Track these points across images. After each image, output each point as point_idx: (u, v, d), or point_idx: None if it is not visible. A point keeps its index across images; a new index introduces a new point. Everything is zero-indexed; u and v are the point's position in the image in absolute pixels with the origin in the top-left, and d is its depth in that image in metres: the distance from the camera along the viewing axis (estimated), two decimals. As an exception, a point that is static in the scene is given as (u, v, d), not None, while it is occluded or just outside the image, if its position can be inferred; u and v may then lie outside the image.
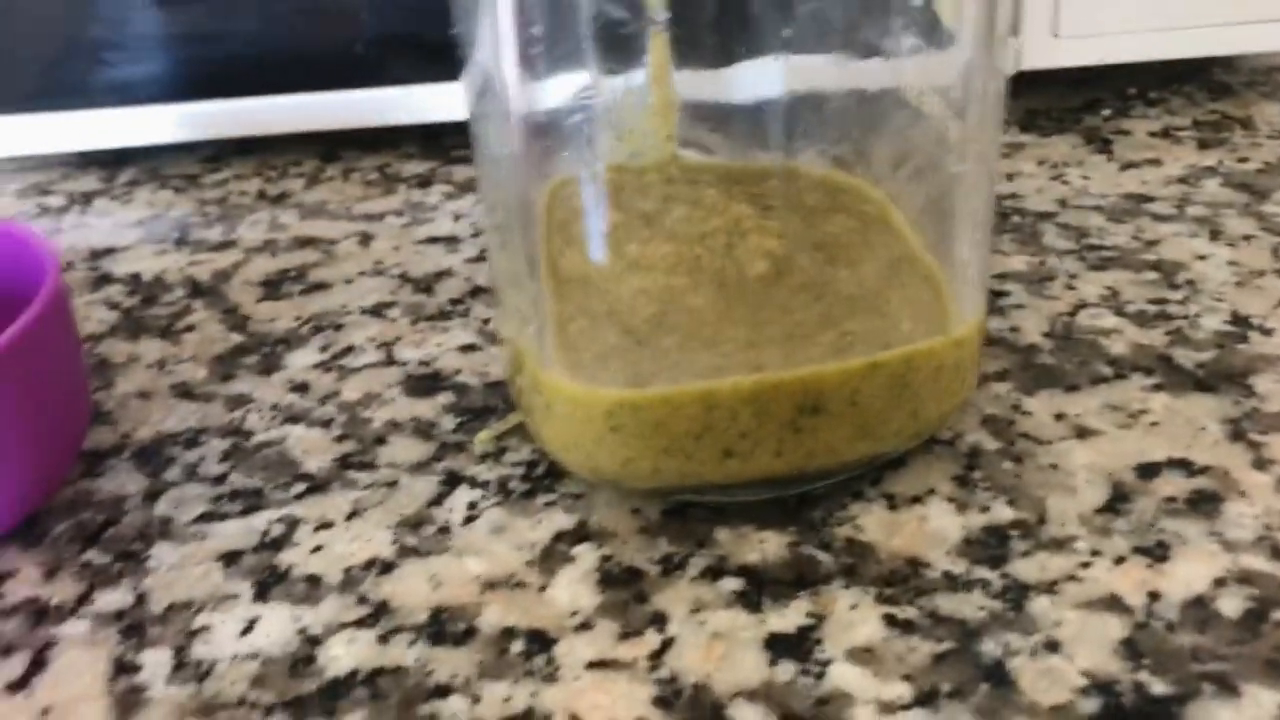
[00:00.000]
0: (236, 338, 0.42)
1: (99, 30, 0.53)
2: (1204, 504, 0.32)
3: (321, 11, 0.52)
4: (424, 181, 0.53)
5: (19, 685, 0.29)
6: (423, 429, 0.37)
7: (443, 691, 0.28)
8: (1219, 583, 0.30)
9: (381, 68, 0.53)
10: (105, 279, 0.47)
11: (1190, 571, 0.30)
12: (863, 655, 0.28)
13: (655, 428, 0.30)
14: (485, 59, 0.30)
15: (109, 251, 0.49)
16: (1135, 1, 0.53)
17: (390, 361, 0.40)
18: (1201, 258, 0.43)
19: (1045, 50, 0.53)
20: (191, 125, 0.54)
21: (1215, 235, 0.44)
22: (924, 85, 0.31)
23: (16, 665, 0.30)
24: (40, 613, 0.31)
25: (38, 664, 0.30)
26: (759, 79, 0.32)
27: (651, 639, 0.29)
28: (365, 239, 0.49)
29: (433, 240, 0.48)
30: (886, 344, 0.31)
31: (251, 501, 0.34)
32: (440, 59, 0.53)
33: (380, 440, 0.37)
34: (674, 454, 0.31)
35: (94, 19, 0.53)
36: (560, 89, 0.31)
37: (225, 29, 0.53)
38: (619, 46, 0.32)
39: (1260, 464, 0.33)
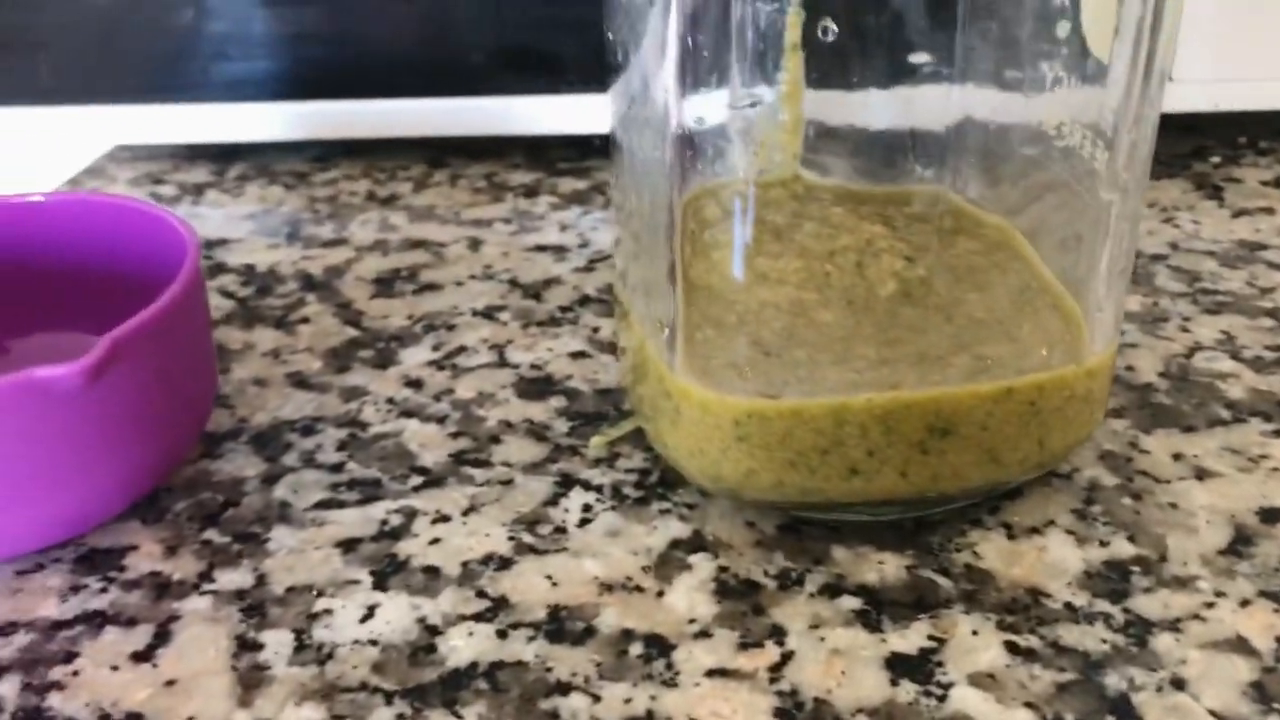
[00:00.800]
0: (350, 332, 0.43)
1: (216, 26, 0.54)
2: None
3: (445, 20, 0.53)
4: (530, 191, 0.54)
5: (143, 656, 0.30)
6: (536, 430, 0.37)
7: (563, 689, 0.28)
8: (1348, 631, 0.29)
9: (495, 79, 0.53)
10: (220, 268, 0.48)
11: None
12: (985, 680, 0.28)
13: (782, 439, 0.30)
14: (646, 67, 0.30)
15: (222, 242, 0.50)
16: (1250, 50, 0.53)
17: (502, 363, 0.41)
18: (1318, 306, 0.43)
19: (1158, 94, 0.53)
20: (303, 124, 0.55)
21: (1333, 285, 0.44)
22: (1068, 117, 0.31)
23: (141, 636, 0.30)
24: (162, 587, 0.32)
25: (161, 636, 0.30)
26: (891, 103, 0.33)
27: (771, 651, 0.29)
28: (474, 244, 0.49)
29: (540, 249, 0.49)
30: (1019, 370, 0.31)
31: (369, 491, 0.35)
32: (553, 74, 0.54)
33: (495, 439, 0.37)
34: (799, 468, 0.31)
35: (211, 15, 0.54)
36: (706, 102, 0.31)
37: (343, 31, 0.54)
38: (760, 63, 0.32)
39: (1386, 516, 0.33)
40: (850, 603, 0.30)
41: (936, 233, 0.34)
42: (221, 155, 0.58)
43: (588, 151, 0.57)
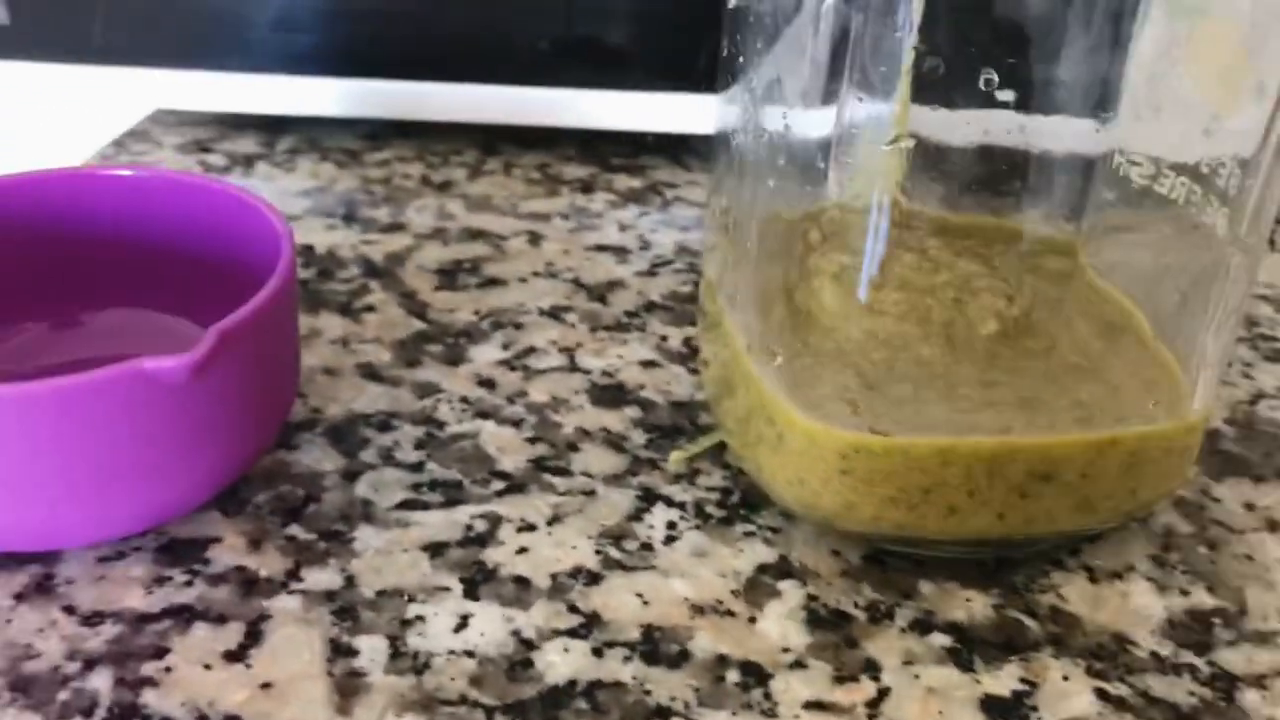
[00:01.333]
0: (418, 324, 0.43)
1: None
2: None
3: (510, 6, 0.52)
4: (586, 187, 0.53)
5: (236, 656, 0.29)
6: (614, 441, 0.37)
7: (663, 713, 0.28)
8: None
9: (555, 70, 0.53)
10: (278, 247, 0.47)
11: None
12: (1080, 728, 0.28)
13: (887, 475, 0.30)
14: (772, 80, 0.30)
15: (278, 219, 0.49)
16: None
17: (574, 368, 0.41)
18: (1375, 361, 0.43)
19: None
20: (356, 102, 0.54)
21: (1388, 340, 0.45)
22: (1168, 163, 0.31)
23: (233, 635, 0.30)
24: (249, 583, 0.32)
25: (252, 635, 0.30)
26: (999, 134, 0.33)
27: (867, 687, 0.29)
28: (534, 238, 0.49)
29: (601, 248, 0.48)
30: (1118, 418, 0.31)
31: (451, 494, 0.35)
32: (614, 69, 0.53)
33: (573, 447, 0.37)
34: (898, 504, 0.31)
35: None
36: (823, 120, 0.31)
37: (403, 9, 0.53)
38: (872, 85, 0.32)
39: None
40: (941, 640, 0.31)
41: (1035, 274, 0.34)
42: (267, 126, 0.58)
43: (641, 148, 0.57)
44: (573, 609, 0.31)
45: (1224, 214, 0.30)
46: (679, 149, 0.57)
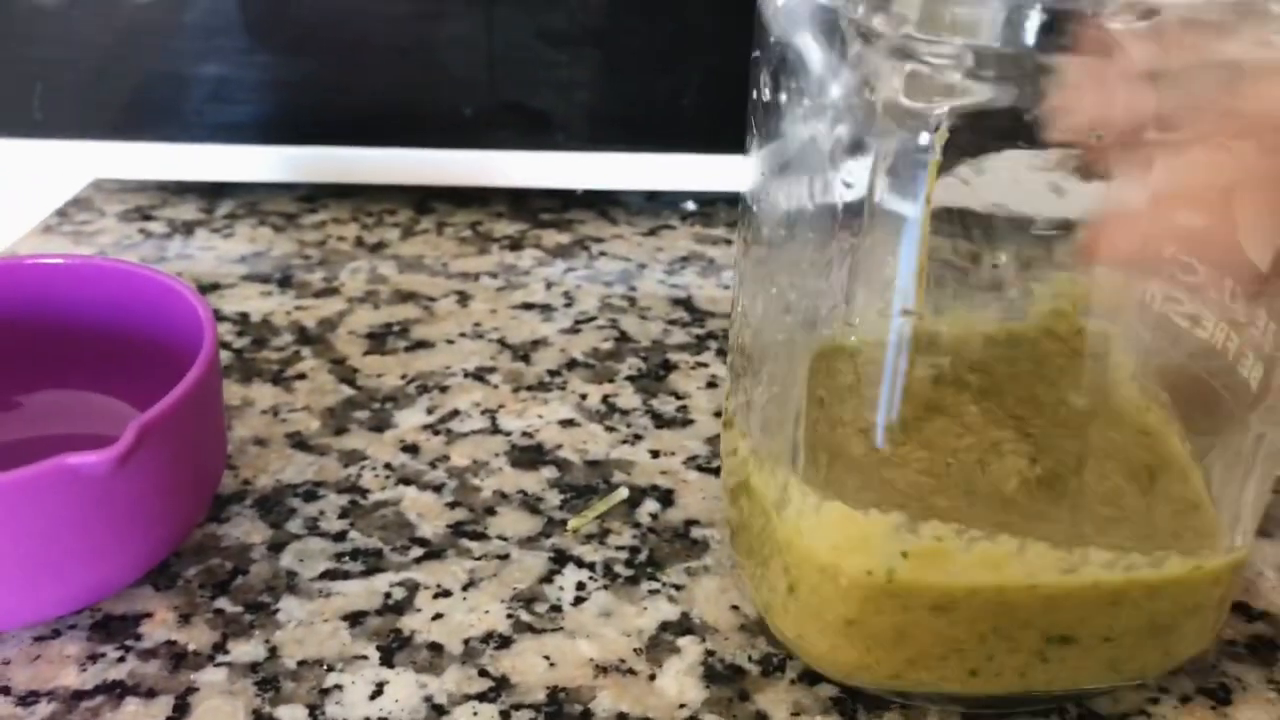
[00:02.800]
0: (346, 390, 0.45)
1: (208, 69, 0.55)
2: (1262, 650, 0.35)
3: (436, 74, 0.54)
4: (515, 244, 0.55)
5: (164, 727, 0.31)
6: (530, 503, 0.39)
7: (564, 772, 0.30)
8: (1278, 731, 0.32)
9: (483, 132, 0.55)
10: (215, 316, 0.49)
11: (1250, 717, 0.32)
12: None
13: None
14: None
15: (215, 287, 0.51)
16: None
17: (495, 430, 0.43)
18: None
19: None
20: (292, 167, 0.56)
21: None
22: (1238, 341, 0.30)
23: (162, 708, 0.32)
24: (179, 657, 0.33)
25: (180, 709, 0.32)
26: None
27: (756, 738, 0.31)
28: (463, 299, 0.51)
29: (527, 306, 0.50)
30: (1149, 573, 0.30)
31: (372, 563, 0.37)
32: (540, 130, 0.55)
33: (490, 510, 0.39)
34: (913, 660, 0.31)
35: (204, 58, 0.55)
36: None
37: (335, 79, 0.55)
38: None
39: (1314, 614, 0.36)
40: (828, 690, 0.33)
41: (1067, 428, 0.31)
42: (207, 191, 0.59)
43: (570, 203, 0.59)
44: (483, 673, 0.33)
45: (1259, 375, 0.30)
46: (606, 203, 0.59)
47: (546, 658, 0.34)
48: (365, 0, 0.54)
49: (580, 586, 0.36)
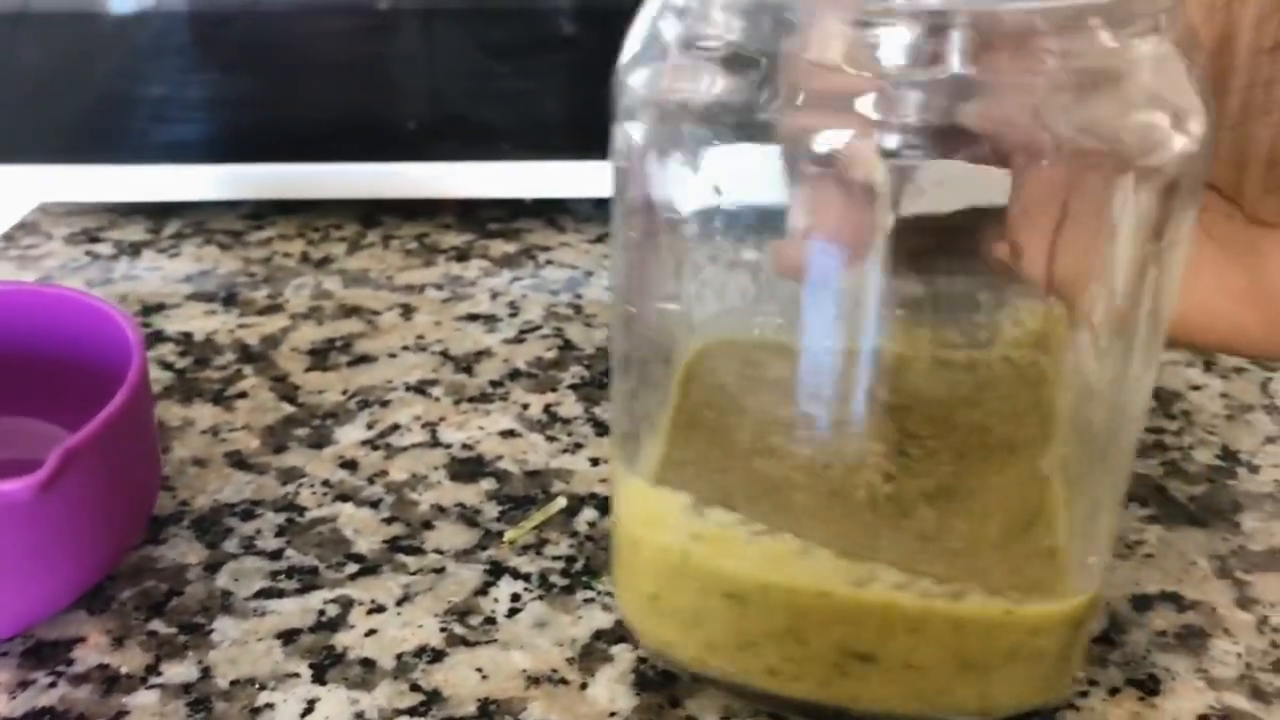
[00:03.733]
0: (287, 408, 0.45)
1: (151, 89, 0.55)
2: (1192, 639, 0.35)
3: (379, 88, 0.54)
4: (462, 255, 0.56)
5: (94, 752, 0.31)
6: (467, 515, 0.39)
7: (492, 784, 0.30)
8: (1203, 719, 0.32)
9: (428, 145, 0.55)
10: (158, 336, 0.49)
11: (1178, 707, 0.33)
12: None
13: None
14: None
15: (160, 307, 0.51)
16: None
17: (435, 443, 0.43)
18: (1196, 388, 0.46)
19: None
20: (238, 185, 0.57)
21: (1209, 366, 0.47)
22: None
23: (91, 732, 0.32)
24: (111, 680, 0.33)
25: (111, 732, 0.32)
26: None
27: (685, 744, 0.31)
28: (407, 311, 0.51)
29: (472, 318, 0.51)
30: (946, 604, 0.29)
31: (307, 580, 0.37)
32: (485, 142, 0.56)
33: (427, 524, 0.39)
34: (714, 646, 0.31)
35: (147, 79, 0.55)
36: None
37: (277, 96, 0.55)
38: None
39: (1244, 603, 0.36)
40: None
41: (927, 451, 0.31)
42: (158, 211, 0.59)
43: (518, 212, 0.59)
44: (414, 688, 0.33)
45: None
46: (554, 211, 0.59)
47: (479, 670, 0.34)
48: (306, 18, 0.54)
49: (515, 598, 0.36)
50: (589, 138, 0.57)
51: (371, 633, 0.35)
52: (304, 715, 0.32)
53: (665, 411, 0.33)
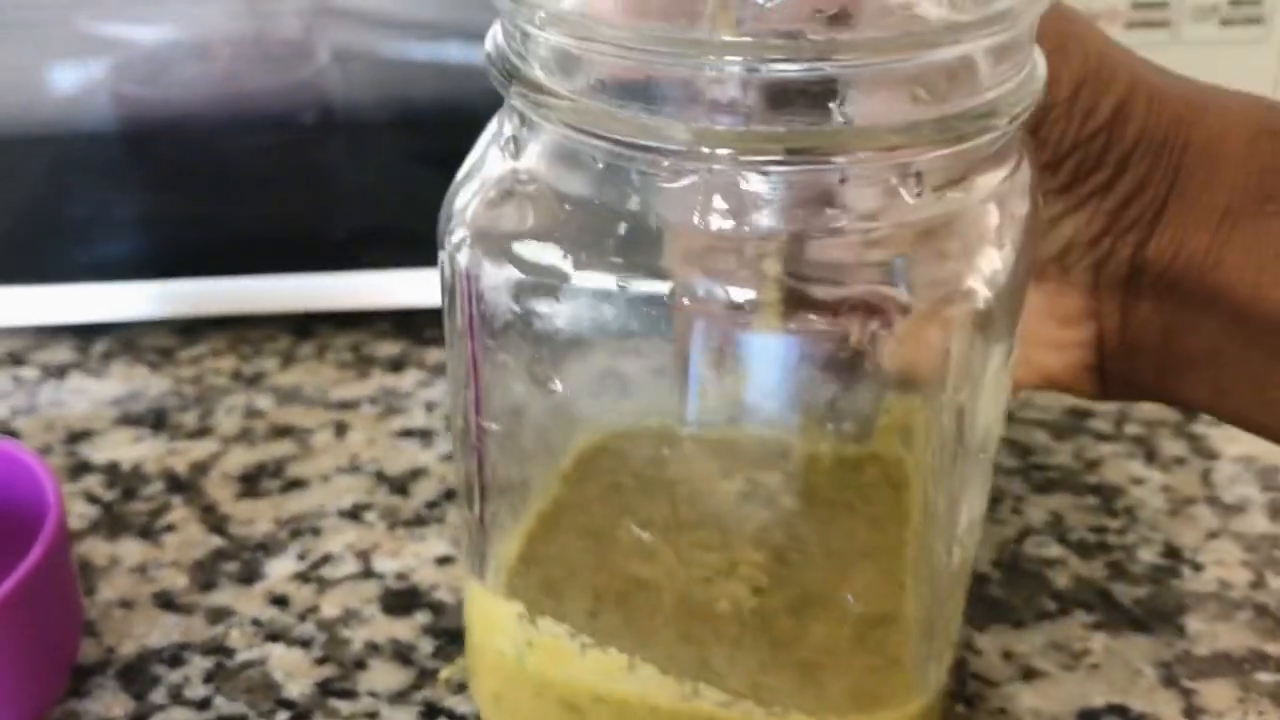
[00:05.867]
0: (216, 540, 0.44)
1: (75, 209, 0.54)
2: (1141, 755, 0.34)
3: (308, 199, 0.54)
4: (397, 365, 0.55)
5: None
6: (402, 652, 0.38)
7: None
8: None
9: (359, 253, 0.55)
10: (84, 467, 0.48)
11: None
12: None
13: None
14: None
15: (86, 434, 0.50)
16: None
17: (368, 573, 0.42)
18: (1138, 482, 0.46)
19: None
20: (168, 302, 0.56)
21: (1150, 458, 0.47)
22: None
23: None
24: None
25: None
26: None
27: None
28: (340, 429, 0.50)
29: (407, 433, 0.50)
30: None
31: (236, 731, 0.36)
32: (418, 249, 0.55)
33: (360, 664, 0.38)
34: None
35: (69, 197, 0.54)
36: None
37: (204, 211, 0.55)
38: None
39: (1190, 712, 0.36)
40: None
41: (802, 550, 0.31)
42: (86, 330, 0.58)
43: (453, 317, 0.59)
44: (346, 847, 0.32)
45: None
46: (490, 315, 0.59)
47: (413, 824, 0.33)
48: (233, 132, 0.54)
49: (451, 741, 0.35)
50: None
51: (302, 788, 0.34)
52: None
53: (521, 518, 0.33)
